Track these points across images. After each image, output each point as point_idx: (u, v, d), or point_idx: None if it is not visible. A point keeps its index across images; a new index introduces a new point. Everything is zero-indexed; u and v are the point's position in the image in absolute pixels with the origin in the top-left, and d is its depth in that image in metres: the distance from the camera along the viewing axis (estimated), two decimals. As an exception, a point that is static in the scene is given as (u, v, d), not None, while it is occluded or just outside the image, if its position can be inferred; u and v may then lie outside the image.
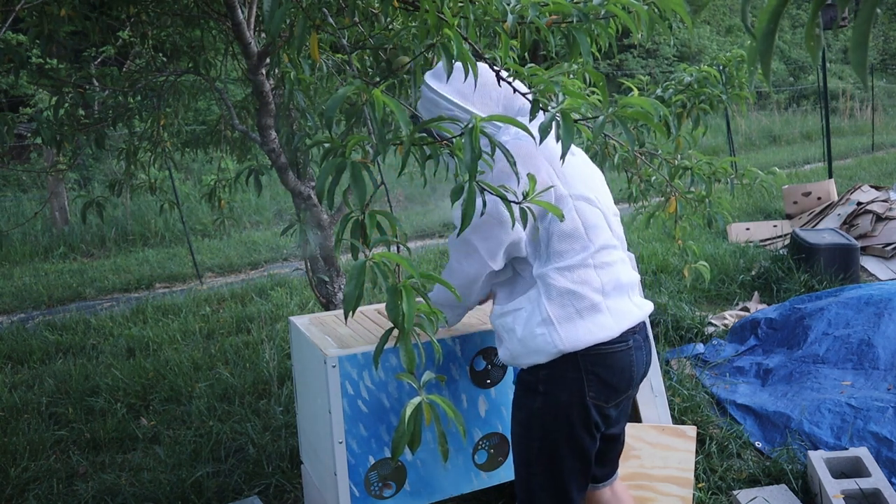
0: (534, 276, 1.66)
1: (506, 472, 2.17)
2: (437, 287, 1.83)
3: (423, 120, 1.72)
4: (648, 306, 1.77)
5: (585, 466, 1.71)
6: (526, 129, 1.33)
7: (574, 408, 1.64)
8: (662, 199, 2.67)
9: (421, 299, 1.27)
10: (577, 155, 1.78)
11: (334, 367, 1.90)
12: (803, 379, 3.32)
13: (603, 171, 2.14)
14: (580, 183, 1.68)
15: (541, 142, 1.32)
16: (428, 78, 1.76)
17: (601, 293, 1.64)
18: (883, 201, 6.11)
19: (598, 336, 1.62)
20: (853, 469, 2.54)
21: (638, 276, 1.80)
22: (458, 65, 1.57)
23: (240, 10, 2.25)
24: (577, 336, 1.61)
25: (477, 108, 1.71)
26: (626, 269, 1.73)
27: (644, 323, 1.76)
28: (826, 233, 5.22)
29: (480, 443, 2.12)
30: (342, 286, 3.01)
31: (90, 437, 3.36)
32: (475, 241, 1.65)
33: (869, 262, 5.36)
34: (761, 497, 2.49)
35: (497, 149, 1.36)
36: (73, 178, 9.37)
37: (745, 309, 4.61)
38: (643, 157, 2.72)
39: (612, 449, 1.84)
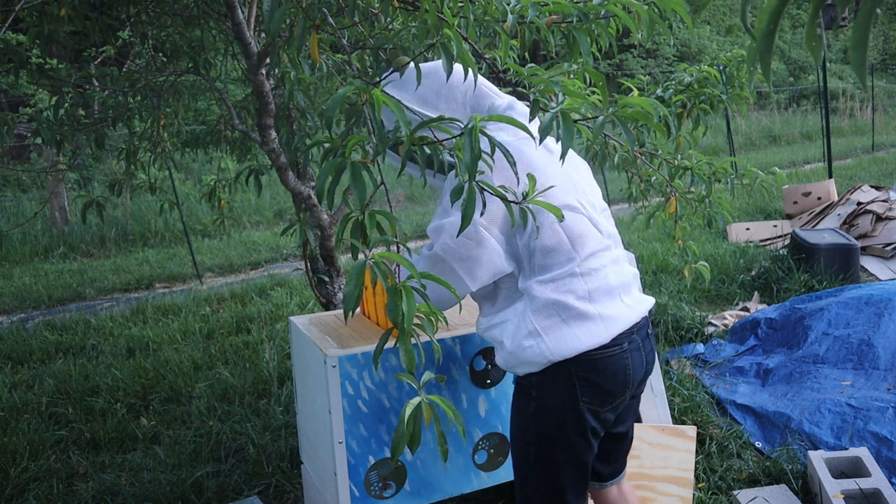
0: (519, 289, 1.65)
1: (506, 472, 2.17)
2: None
3: (386, 127, 1.69)
4: (645, 303, 1.73)
5: (581, 471, 1.70)
6: (526, 129, 1.33)
7: (566, 413, 1.63)
8: (662, 199, 2.67)
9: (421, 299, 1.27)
10: (555, 155, 1.61)
11: (334, 367, 1.91)
12: (803, 379, 3.32)
13: (603, 172, 2.14)
14: (561, 192, 1.61)
15: (541, 142, 1.32)
16: (389, 88, 1.68)
17: (588, 300, 1.61)
18: (883, 201, 6.11)
19: (587, 343, 1.59)
20: (853, 469, 2.54)
21: (635, 272, 1.77)
22: (412, 68, 1.54)
23: (240, 10, 2.25)
24: (565, 344, 1.59)
25: (441, 111, 1.69)
26: (616, 270, 1.69)
27: (643, 322, 1.71)
28: (826, 233, 5.22)
29: (480, 443, 2.12)
30: (342, 286, 3.01)
31: (90, 437, 3.36)
32: (451, 262, 1.61)
33: (869, 262, 5.36)
34: (761, 497, 2.49)
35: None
36: (73, 178, 9.37)
37: (745, 309, 4.61)
38: (643, 157, 2.72)
39: (618, 447, 1.82)
